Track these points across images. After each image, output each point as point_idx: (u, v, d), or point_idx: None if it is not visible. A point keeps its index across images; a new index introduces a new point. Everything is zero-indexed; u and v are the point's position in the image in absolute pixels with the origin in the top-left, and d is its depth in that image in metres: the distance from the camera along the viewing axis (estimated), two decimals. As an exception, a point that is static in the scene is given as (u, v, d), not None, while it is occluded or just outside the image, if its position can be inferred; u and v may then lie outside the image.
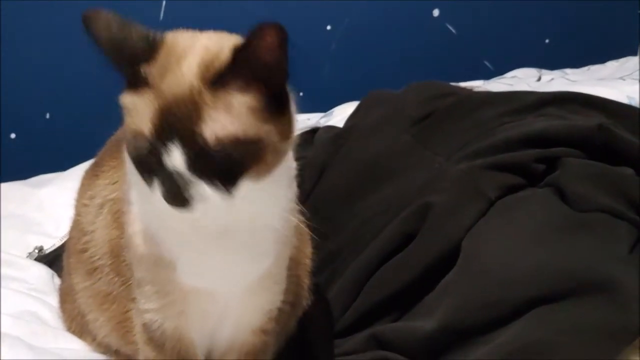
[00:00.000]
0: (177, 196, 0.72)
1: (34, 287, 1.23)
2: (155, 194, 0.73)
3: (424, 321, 1.01)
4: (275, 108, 0.74)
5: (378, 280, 1.12)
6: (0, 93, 2.16)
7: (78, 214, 1.04)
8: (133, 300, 0.90)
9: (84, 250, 1.00)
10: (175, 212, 0.73)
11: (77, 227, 1.04)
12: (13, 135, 2.26)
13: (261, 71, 0.71)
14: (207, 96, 0.71)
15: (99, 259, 0.98)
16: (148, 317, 0.89)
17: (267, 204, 0.80)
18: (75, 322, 1.10)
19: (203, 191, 0.72)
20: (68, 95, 2.27)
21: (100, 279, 0.98)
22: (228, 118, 0.71)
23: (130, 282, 0.91)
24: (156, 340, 0.91)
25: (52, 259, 1.34)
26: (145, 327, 0.91)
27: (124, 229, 0.89)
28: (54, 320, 1.15)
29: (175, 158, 0.70)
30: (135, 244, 0.86)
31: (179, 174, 0.71)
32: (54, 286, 1.25)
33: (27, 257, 1.37)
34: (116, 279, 0.96)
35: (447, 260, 1.05)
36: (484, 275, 0.99)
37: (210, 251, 0.82)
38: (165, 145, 0.70)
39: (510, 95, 1.32)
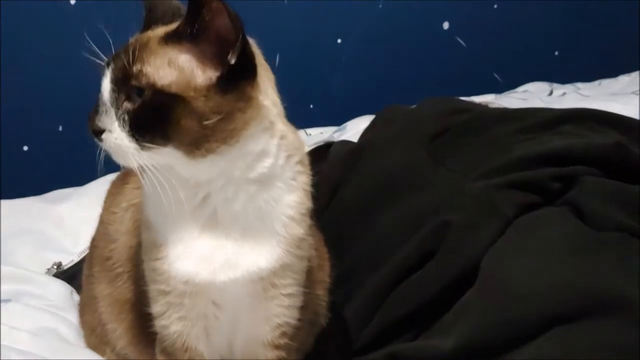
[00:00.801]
0: (92, 120, 0.81)
1: (53, 303, 1.23)
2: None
3: (442, 340, 1.01)
4: (232, 82, 0.79)
5: (396, 298, 1.12)
6: (12, 105, 2.17)
7: (107, 222, 1.06)
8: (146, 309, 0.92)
9: (109, 258, 1.02)
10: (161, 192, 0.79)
11: (104, 236, 1.06)
12: (26, 148, 2.27)
13: (210, 37, 0.79)
14: (155, 45, 0.81)
15: (120, 265, 1.00)
16: (157, 323, 0.92)
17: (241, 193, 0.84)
18: (95, 334, 1.12)
19: (112, 124, 0.79)
20: (80, 108, 2.27)
21: (119, 286, 1.00)
22: (166, 68, 0.79)
23: (144, 289, 0.93)
24: (167, 351, 0.93)
25: (71, 275, 1.35)
26: (159, 337, 0.93)
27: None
28: (73, 337, 1.16)
29: (105, 81, 0.81)
30: (141, 230, 0.90)
31: (103, 101, 0.81)
32: (73, 303, 1.25)
33: (46, 273, 1.38)
34: (133, 286, 0.97)
35: (466, 278, 1.06)
36: (503, 294, 0.99)
37: (198, 235, 0.86)
38: (105, 70, 0.81)
39: (525, 112, 1.32)
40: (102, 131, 0.81)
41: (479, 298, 1.02)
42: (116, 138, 0.80)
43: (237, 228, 0.86)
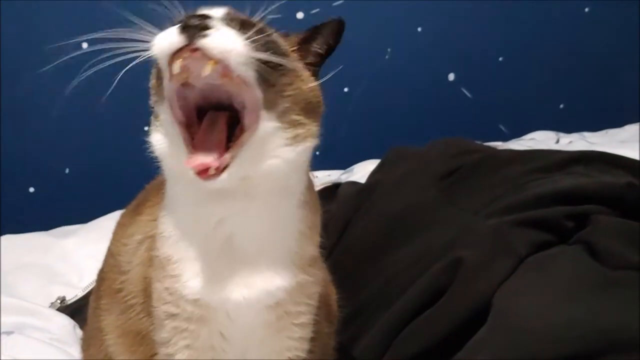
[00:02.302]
0: (192, 21, 0.75)
1: (56, 337, 1.22)
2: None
3: (455, 378, 1.00)
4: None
5: (408, 335, 1.10)
6: (19, 148, 2.19)
7: (116, 254, 1.04)
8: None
9: (120, 290, 1.00)
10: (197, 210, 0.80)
11: (114, 268, 1.03)
12: (32, 190, 2.28)
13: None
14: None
15: (133, 297, 0.97)
16: (162, 351, 0.90)
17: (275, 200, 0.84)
18: None
19: (224, 30, 0.76)
20: (87, 151, 2.30)
21: (131, 318, 0.98)
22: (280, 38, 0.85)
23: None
24: None
25: (75, 310, 1.33)
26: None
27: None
28: (76, 372, 1.14)
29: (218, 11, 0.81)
30: (156, 246, 0.89)
31: (209, 17, 0.77)
32: (76, 337, 1.24)
33: (50, 307, 1.36)
34: (145, 318, 0.95)
35: (478, 316, 1.04)
36: (516, 333, 0.97)
37: (214, 253, 0.84)
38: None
39: (536, 153, 1.33)
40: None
41: (492, 336, 1.01)
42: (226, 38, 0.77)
43: (254, 246, 0.85)
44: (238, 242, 0.85)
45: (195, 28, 0.74)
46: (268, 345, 0.92)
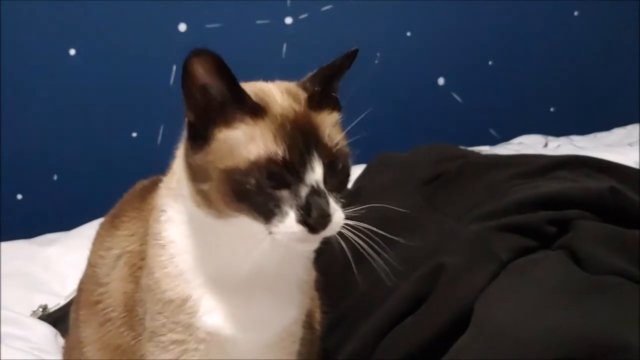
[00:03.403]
0: (324, 215, 0.76)
1: (37, 346, 1.21)
2: (281, 225, 0.76)
3: (437, 385, 0.99)
4: None
5: (390, 342, 1.10)
6: (8, 154, 2.18)
7: (94, 265, 1.03)
8: (142, 357, 0.89)
9: (98, 302, 0.99)
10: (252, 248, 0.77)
11: (92, 279, 1.03)
12: (20, 197, 2.27)
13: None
14: (314, 115, 0.81)
15: (112, 310, 0.97)
16: None
17: None
18: None
19: (335, 209, 0.79)
20: (75, 158, 2.29)
21: (111, 331, 0.97)
22: (334, 132, 0.83)
23: (141, 338, 0.90)
24: None
25: (57, 319, 1.32)
26: None
27: (140, 282, 0.89)
28: (56, 381, 1.13)
29: (318, 171, 0.77)
30: (161, 288, 0.87)
31: (319, 192, 0.77)
32: (57, 346, 1.23)
33: (31, 315, 1.35)
34: (127, 332, 0.94)
35: (460, 322, 1.03)
36: (497, 338, 0.97)
37: (240, 293, 0.85)
38: (305, 160, 0.76)
39: (520, 158, 1.32)
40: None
41: (473, 343, 1.00)
42: (339, 217, 0.83)
43: (272, 280, 0.87)
44: (259, 278, 0.86)
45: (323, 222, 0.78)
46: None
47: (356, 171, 1.64)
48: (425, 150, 1.42)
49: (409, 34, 2.56)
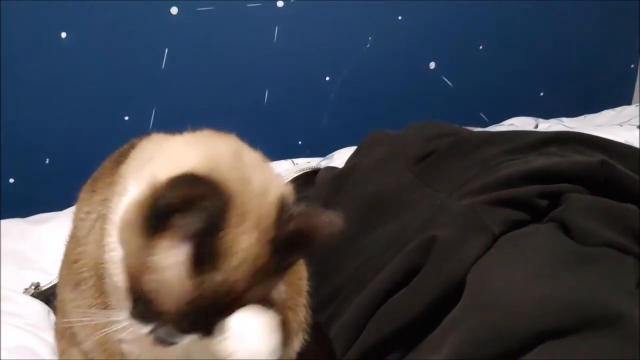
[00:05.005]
0: None
1: (29, 322, 1.21)
2: None
3: (430, 357, 0.99)
4: None
5: (382, 315, 1.10)
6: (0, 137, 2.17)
7: (75, 226, 1.03)
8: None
9: (76, 261, 0.99)
10: None
11: (73, 238, 1.03)
12: (12, 180, 2.26)
13: None
14: None
15: (85, 270, 0.96)
16: (124, 347, 0.90)
17: None
18: (64, 338, 1.08)
19: None
20: (67, 142, 2.28)
21: (84, 291, 0.96)
22: None
23: (109, 304, 0.91)
24: None
25: (49, 296, 1.32)
26: (124, 355, 0.91)
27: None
28: (49, 355, 1.13)
29: None
30: (108, 272, 0.87)
31: None
32: (50, 323, 1.23)
33: (24, 292, 1.35)
34: (97, 294, 0.94)
35: (452, 294, 1.04)
36: (490, 310, 0.97)
37: None
38: None
39: (511, 135, 1.33)
40: None
41: (465, 314, 1.00)
42: None
43: None
44: None
45: None
46: None
47: (349, 153, 1.65)
48: (417, 127, 1.42)
49: (400, 18, 2.56)
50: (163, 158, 0.86)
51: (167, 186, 0.76)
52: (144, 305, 0.77)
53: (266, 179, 0.86)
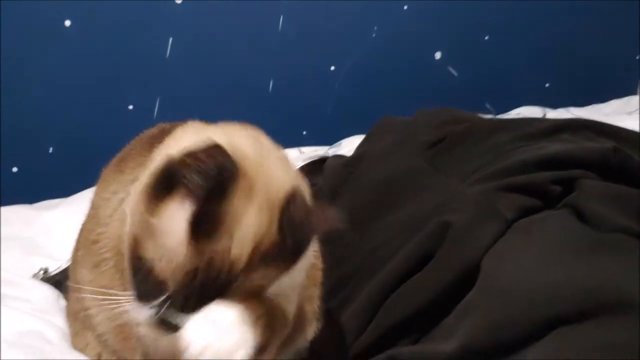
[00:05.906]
0: None
1: (38, 307, 1.20)
2: None
3: (444, 343, 0.99)
4: None
5: (396, 301, 1.10)
6: (2, 127, 2.16)
7: (97, 206, 1.02)
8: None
9: (96, 242, 0.98)
10: None
11: (93, 219, 1.02)
12: (15, 169, 2.25)
13: None
14: None
15: (106, 251, 0.95)
16: (140, 330, 0.88)
17: None
18: (79, 319, 1.08)
19: None
20: (71, 131, 2.27)
21: (104, 271, 0.95)
22: None
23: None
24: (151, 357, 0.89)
25: (58, 281, 1.32)
26: (139, 339, 0.90)
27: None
28: (59, 339, 1.12)
29: None
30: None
31: None
32: (59, 307, 1.22)
33: (32, 278, 1.35)
34: (117, 276, 0.93)
35: (466, 280, 1.04)
36: (504, 295, 0.97)
37: None
38: None
39: (523, 122, 1.33)
40: None
41: (480, 299, 1.00)
42: None
43: None
44: None
45: None
46: None
47: (357, 141, 1.64)
48: (428, 113, 1.42)
49: (405, 7, 2.55)
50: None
51: (182, 152, 0.76)
52: (144, 278, 0.76)
53: (283, 171, 0.86)
